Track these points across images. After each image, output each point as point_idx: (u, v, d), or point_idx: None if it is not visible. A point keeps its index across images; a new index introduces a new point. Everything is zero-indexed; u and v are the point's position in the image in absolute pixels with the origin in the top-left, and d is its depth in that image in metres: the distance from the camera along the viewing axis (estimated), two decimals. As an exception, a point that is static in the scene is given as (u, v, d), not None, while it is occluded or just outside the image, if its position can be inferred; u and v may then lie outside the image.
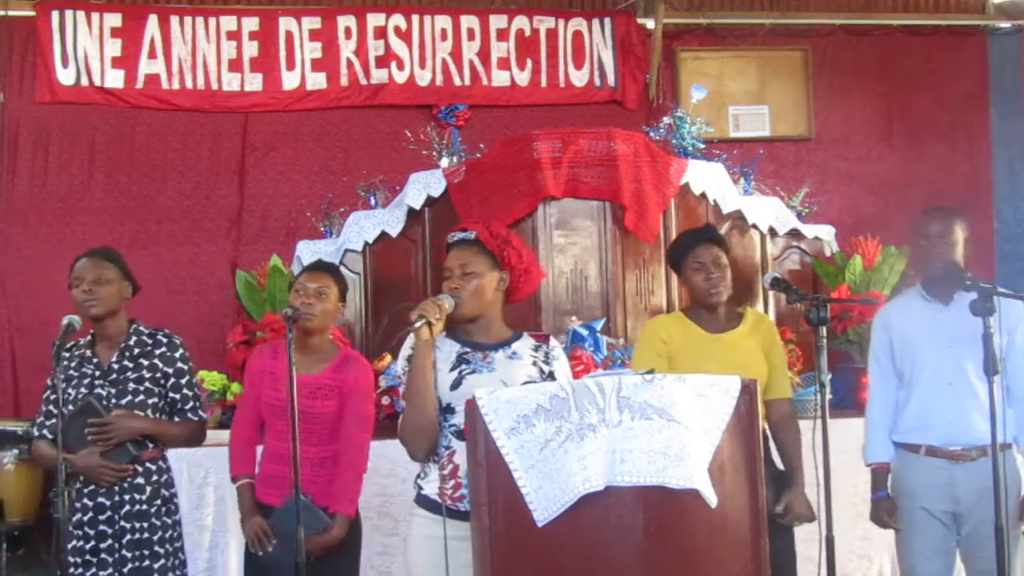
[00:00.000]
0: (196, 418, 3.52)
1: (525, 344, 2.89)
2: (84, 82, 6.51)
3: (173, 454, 4.48)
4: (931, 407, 3.44)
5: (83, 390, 3.37)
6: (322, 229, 5.95)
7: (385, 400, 5.01)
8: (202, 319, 6.49)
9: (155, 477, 3.44)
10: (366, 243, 5.59)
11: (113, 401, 3.36)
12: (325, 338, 3.50)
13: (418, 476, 2.82)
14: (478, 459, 2.35)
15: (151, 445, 3.43)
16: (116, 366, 3.41)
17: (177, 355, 3.49)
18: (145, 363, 3.43)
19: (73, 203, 6.49)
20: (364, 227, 5.59)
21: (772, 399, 3.46)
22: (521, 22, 7.03)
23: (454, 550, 2.58)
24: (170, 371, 3.47)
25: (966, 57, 7.44)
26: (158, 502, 3.42)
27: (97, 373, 3.40)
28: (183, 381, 3.49)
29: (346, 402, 3.39)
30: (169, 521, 3.45)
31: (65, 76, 6.50)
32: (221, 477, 4.50)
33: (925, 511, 3.45)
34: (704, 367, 3.13)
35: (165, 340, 3.50)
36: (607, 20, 7.14)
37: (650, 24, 7.04)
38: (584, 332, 5.00)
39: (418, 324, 2.66)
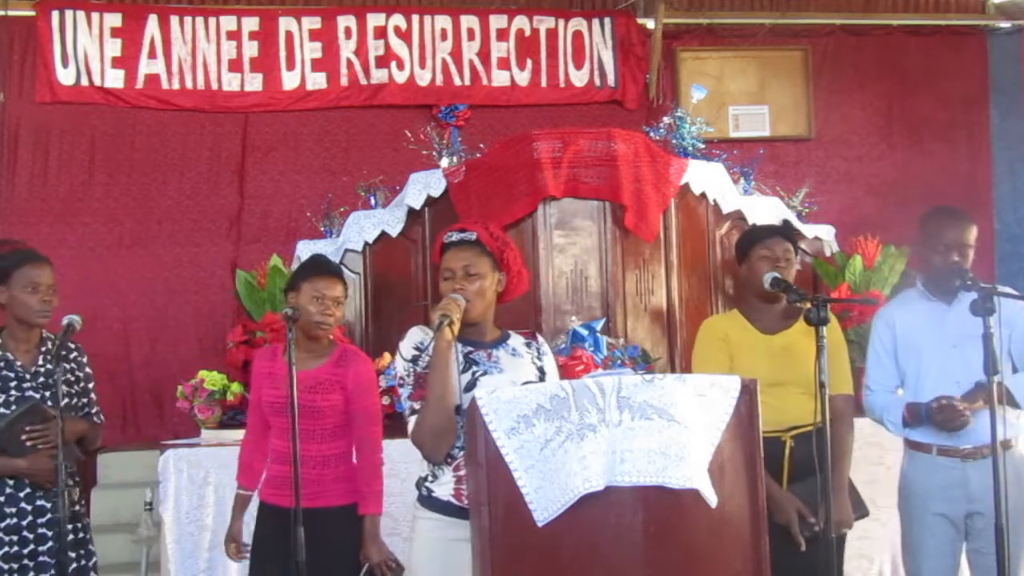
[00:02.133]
0: (99, 421, 3.59)
1: (519, 342, 2.90)
2: (84, 82, 6.52)
3: (173, 455, 4.55)
4: None
5: (13, 393, 3.30)
6: (322, 229, 5.95)
7: (385, 400, 5.00)
8: (202, 319, 6.51)
9: (77, 479, 3.47)
10: (366, 243, 5.59)
11: (49, 403, 3.33)
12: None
13: (425, 479, 2.79)
14: (478, 459, 2.35)
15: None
16: (43, 370, 3.38)
17: (85, 360, 3.56)
18: (66, 367, 3.45)
19: (73, 203, 6.50)
20: (364, 227, 5.59)
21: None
22: (521, 22, 7.03)
23: (466, 551, 2.55)
24: (81, 375, 3.52)
25: (966, 57, 7.45)
26: (83, 502, 3.51)
27: (26, 376, 3.35)
28: (90, 386, 3.56)
29: (352, 398, 3.38)
30: (90, 521, 3.55)
31: (65, 76, 6.50)
32: (221, 477, 4.50)
33: (938, 515, 3.45)
34: (756, 367, 3.16)
35: (73, 346, 3.52)
36: (607, 20, 7.14)
37: (650, 24, 7.04)
38: (584, 332, 5.00)
39: (444, 324, 2.64)
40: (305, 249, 5.71)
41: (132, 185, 6.59)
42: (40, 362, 3.39)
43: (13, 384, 3.32)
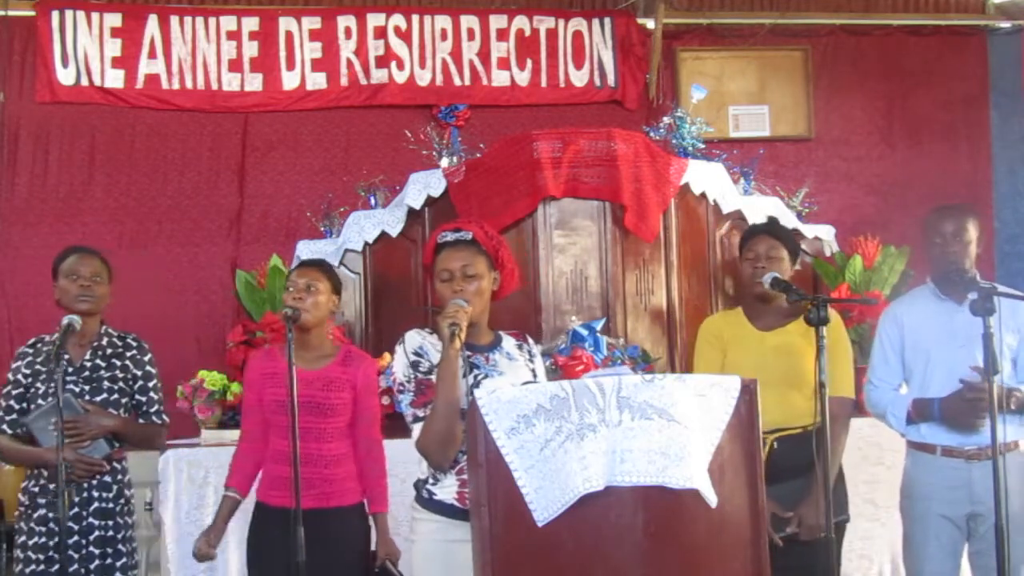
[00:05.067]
0: (160, 421, 3.62)
1: (511, 344, 2.89)
2: (84, 82, 6.51)
3: (173, 455, 4.54)
4: None
5: (54, 386, 3.34)
6: (322, 229, 5.95)
7: (385, 400, 5.00)
8: (202, 319, 6.50)
9: (119, 476, 3.50)
10: (366, 243, 5.59)
11: (87, 398, 3.41)
12: (323, 335, 3.50)
13: (426, 481, 2.78)
14: (478, 459, 2.35)
15: (117, 444, 3.48)
16: (89, 364, 3.47)
17: (146, 359, 3.59)
18: (118, 364, 3.51)
19: (73, 203, 6.49)
20: (364, 227, 5.59)
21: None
22: (521, 22, 7.03)
23: (466, 553, 2.55)
24: (139, 374, 3.56)
25: (966, 57, 7.44)
26: (121, 501, 3.50)
27: (70, 370, 3.43)
28: (150, 384, 3.59)
29: (359, 398, 3.43)
30: (130, 521, 3.55)
31: (65, 76, 6.49)
32: (221, 477, 4.47)
33: (940, 516, 3.44)
34: (744, 363, 3.18)
35: (135, 344, 3.59)
36: (607, 20, 7.14)
37: (650, 24, 7.04)
38: (584, 332, 5.00)
39: (455, 333, 2.61)
40: (305, 249, 5.71)
41: (132, 185, 6.58)
42: (88, 357, 3.47)
43: (57, 377, 3.37)
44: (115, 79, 6.55)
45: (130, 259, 6.51)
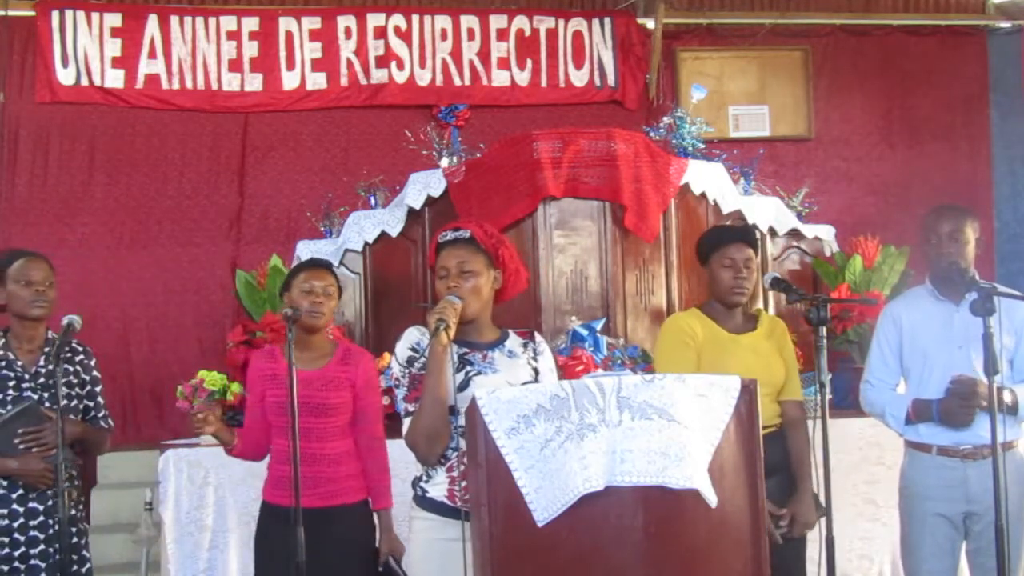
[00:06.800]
0: (107, 426, 3.56)
1: (516, 342, 2.89)
2: (84, 82, 6.52)
3: (173, 455, 4.55)
4: None
5: (11, 393, 3.30)
6: (322, 229, 5.95)
7: (385, 400, 5.00)
8: (202, 319, 6.51)
9: (77, 482, 3.44)
10: (366, 243, 5.59)
11: (46, 405, 3.32)
12: (324, 335, 3.52)
13: (420, 479, 2.80)
14: (478, 459, 2.35)
15: (76, 451, 3.44)
16: (43, 371, 3.37)
17: (92, 363, 3.53)
18: (70, 369, 3.43)
19: (73, 203, 6.51)
20: (364, 227, 5.59)
21: (782, 400, 3.45)
22: (521, 22, 7.04)
23: (461, 552, 2.55)
24: (87, 379, 3.50)
25: (966, 57, 7.45)
26: (81, 506, 3.45)
27: (25, 376, 3.34)
28: (97, 389, 3.53)
29: (360, 396, 3.42)
30: (87, 526, 3.51)
31: (65, 76, 6.50)
32: (221, 477, 4.51)
33: (937, 515, 3.45)
34: (726, 367, 3.15)
35: (81, 348, 3.51)
36: (607, 20, 7.14)
37: (650, 24, 7.05)
38: (584, 332, 5.00)
39: (440, 328, 2.62)
40: (305, 249, 5.72)
41: (132, 185, 6.59)
42: (41, 363, 3.38)
43: (12, 384, 3.31)
44: (115, 79, 6.56)
45: (130, 259, 6.55)
